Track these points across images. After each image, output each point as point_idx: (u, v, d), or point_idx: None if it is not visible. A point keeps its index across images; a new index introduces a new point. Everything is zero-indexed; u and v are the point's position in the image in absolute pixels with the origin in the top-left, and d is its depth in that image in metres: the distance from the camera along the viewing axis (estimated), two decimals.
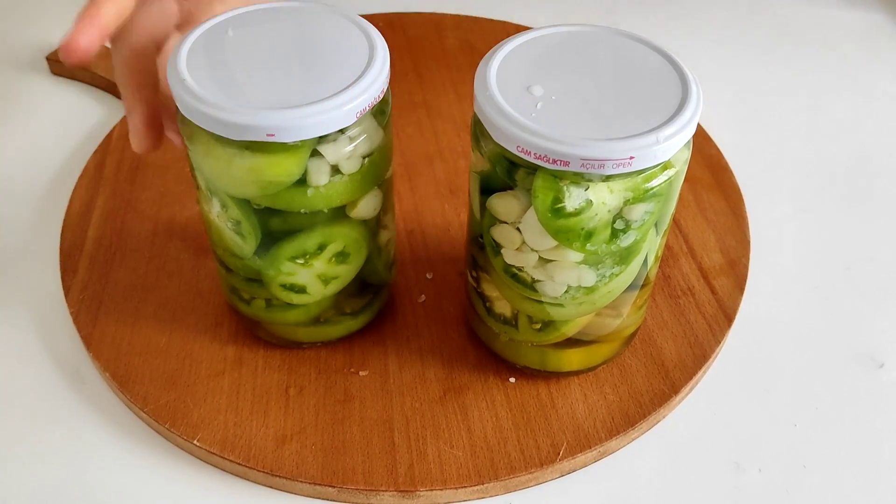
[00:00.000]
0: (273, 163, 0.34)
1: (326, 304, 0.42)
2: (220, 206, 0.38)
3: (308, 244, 0.38)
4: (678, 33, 0.71)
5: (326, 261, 0.39)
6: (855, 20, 0.73)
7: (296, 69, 0.35)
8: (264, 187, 0.35)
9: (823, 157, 0.59)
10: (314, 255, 0.39)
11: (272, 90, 0.34)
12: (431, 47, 0.66)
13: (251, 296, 0.42)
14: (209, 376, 0.43)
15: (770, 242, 0.52)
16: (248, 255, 0.39)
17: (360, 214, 0.38)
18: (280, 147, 0.34)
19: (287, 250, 0.38)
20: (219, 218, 0.38)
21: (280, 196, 0.36)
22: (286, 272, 0.39)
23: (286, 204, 0.36)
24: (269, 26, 0.37)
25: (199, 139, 0.35)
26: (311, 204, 0.36)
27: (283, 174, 0.35)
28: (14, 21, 0.71)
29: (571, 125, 0.32)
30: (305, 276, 0.39)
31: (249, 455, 0.40)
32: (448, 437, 0.41)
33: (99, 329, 0.45)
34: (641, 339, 0.45)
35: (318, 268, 0.39)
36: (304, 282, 0.40)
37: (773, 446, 0.42)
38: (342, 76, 0.34)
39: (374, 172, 0.37)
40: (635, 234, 0.35)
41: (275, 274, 0.39)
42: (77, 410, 0.43)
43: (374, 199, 0.39)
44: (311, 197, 0.36)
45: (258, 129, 0.33)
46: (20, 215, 0.54)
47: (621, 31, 0.37)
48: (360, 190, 0.37)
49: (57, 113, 0.62)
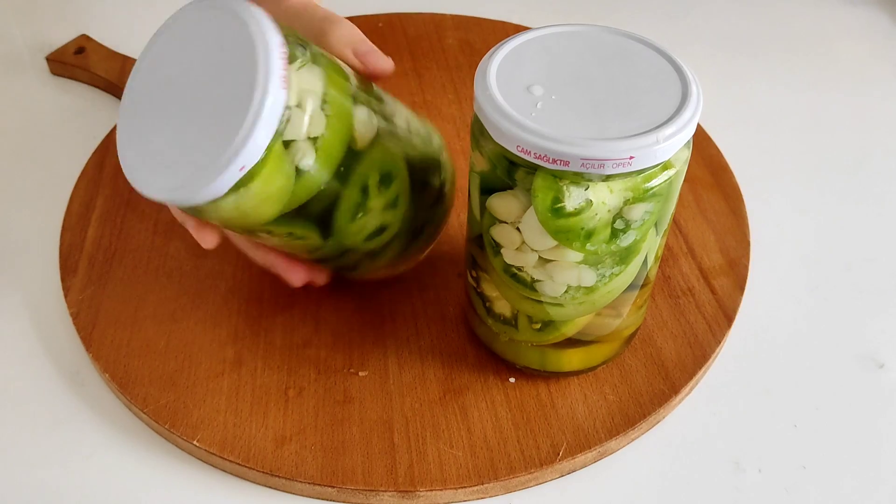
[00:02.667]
0: (265, 177, 0.34)
1: (415, 215, 0.41)
2: (264, 236, 0.38)
3: (353, 198, 0.37)
4: (678, 33, 0.71)
5: (377, 194, 0.38)
6: (855, 19, 0.73)
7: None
8: (280, 195, 0.35)
9: (823, 157, 0.59)
10: (365, 199, 0.38)
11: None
12: (431, 47, 0.66)
13: (346, 262, 0.42)
14: (209, 377, 0.43)
15: (770, 242, 0.52)
16: (320, 244, 0.39)
17: (364, 139, 0.37)
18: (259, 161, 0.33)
19: (344, 217, 0.38)
20: (272, 241, 0.39)
21: (297, 191, 0.35)
22: (359, 229, 0.39)
23: (305, 191, 0.36)
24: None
25: (203, 210, 0.35)
26: (321, 171, 0.36)
27: (278, 175, 0.34)
28: (14, 21, 0.71)
29: (571, 125, 0.32)
30: (375, 218, 0.39)
31: (249, 455, 0.40)
32: (448, 438, 0.41)
33: (98, 330, 0.45)
34: (641, 339, 0.45)
35: (377, 204, 0.38)
36: (378, 222, 0.39)
37: (773, 446, 0.42)
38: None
39: (340, 100, 0.36)
40: (635, 234, 0.35)
41: (352, 237, 0.39)
42: (77, 411, 0.43)
43: (365, 119, 0.37)
44: (317, 165, 0.35)
45: (224, 176, 0.32)
46: (20, 215, 0.54)
47: (621, 31, 0.37)
48: (345, 125, 0.36)
49: (57, 113, 0.62)
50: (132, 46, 0.65)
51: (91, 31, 0.67)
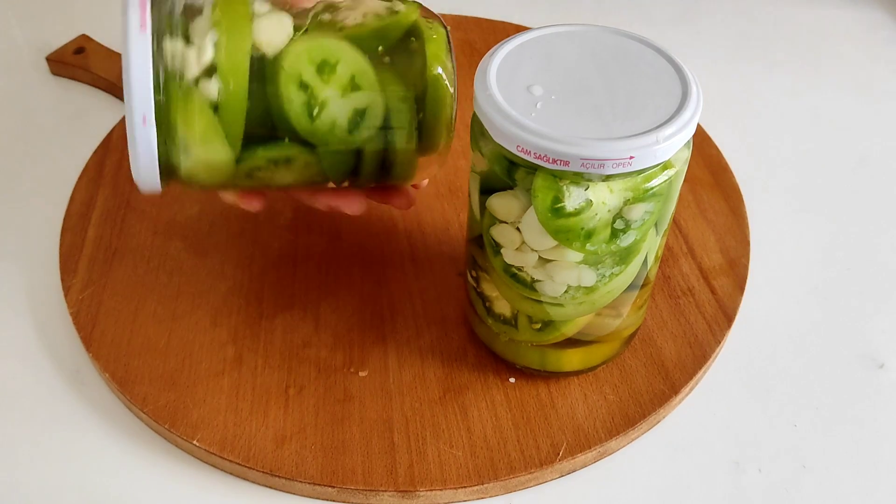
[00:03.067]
0: (192, 140, 0.35)
1: (394, 95, 0.38)
2: (274, 173, 0.38)
3: (298, 101, 0.36)
4: (678, 33, 0.71)
5: (322, 84, 0.37)
6: (855, 19, 0.73)
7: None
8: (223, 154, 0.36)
9: (823, 157, 0.59)
10: (313, 98, 0.37)
11: None
12: None
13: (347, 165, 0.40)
14: (209, 376, 0.43)
15: (770, 242, 0.52)
16: (315, 158, 0.38)
17: (274, 41, 0.36)
18: (178, 118, 0.35)
19: (303, 120, 0.37)
20: (286, 173, 0.39)
21: (232, 126, 0.36)
22: (336, 126, 0.37)
23: (237, 118, 0.36)
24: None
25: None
26: (236, 103, 0.36)
27: (204, 138, 0.35)
28: (14, 21, 0.71)
29: (571, 125, 0.32)
30: (343, 107, 0.37)
31: (249, 455, 0.40)
32: (448, 438, 0.41)
33: (98, 329, 0.45)
34: (641, 339, 0.45)
35: (330, 93, 0.37)
36: (349, 109, 0.37)
37: (773, 446, 0.42)
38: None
39: (229, 38, 0.35)
40: (635, 234, 0.35)
41: (343, 136, 0.38)
42: (76, 411, 0.43)
43: (268, 31, 0.36)
44: (231, 100, 0.35)
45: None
46: (20, 215, 0.54)
47: (621, 31, 0.37)
48: (236, 51, 0.35)
49: (57, 113, 0.62)
50: None
51: (91, 31, 0.67)
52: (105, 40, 0.66)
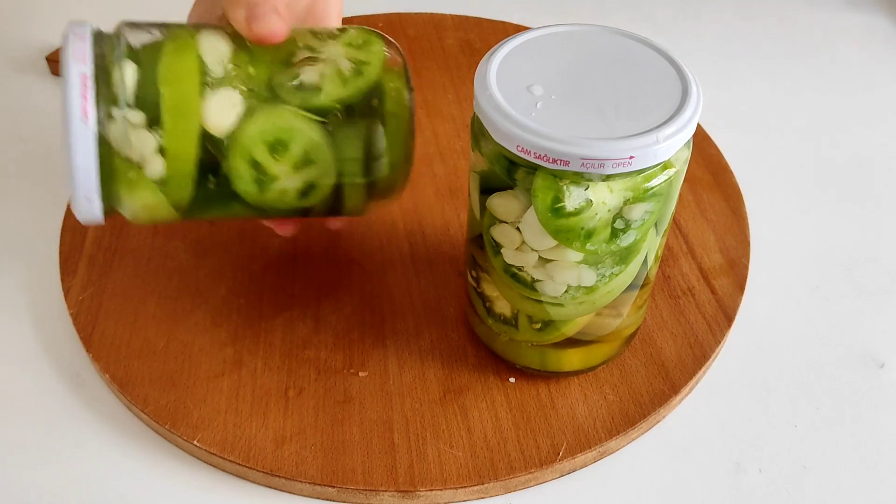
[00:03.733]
0: (139, 209, 0.37)
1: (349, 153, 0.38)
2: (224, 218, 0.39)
3: (248, 177, 0.37)
4: (678, 33, 0.71)
5: (274, 162, 0.37)
6: (854, 21, 0.73)
7: None
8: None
9: (823, 157, 0.59)
10: (265, 175, 0.37)
11: None
12: (431, 47, 0.66)
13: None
14: (209, 377, 0.43)
15: (770, 242, 0.52)
16: (263, 214, 0.39)
17: (223, 124, 0.36)
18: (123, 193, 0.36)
19: (253, 193, 0.37)
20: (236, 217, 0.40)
21: (178, 199, 0.37)
22: (284, 196, 0.38)
23: (184, 194, 0.36)
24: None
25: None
26: (183, 182, 0.36)
27: (150, 208, 0.37)
28: (14, 21, 0.71)
29: (571, 125, 0.32)
30: (295, 181, 0.37)
31: (249, 455, 0.40)
32: (448, 438, 0.41)
33: (98, 330, 0.45)
34: (641, 339, 0.45)
35: (282, 170, 0.37)
36: (300, 183, 0.37)
37: (773, 446, 0.42)
38: None
39: (176, 120, 0.35)
40: (635, 234, 0.35)
41: (292, 203, 0.38)
42: (77, 412, 0.43)
43: (217, 113, 0.36)
44: (177, 179, 0.36)
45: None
46: (20, 215, 0.54)
47: (621, 31, 0.37)
48: (183, 134, 0.35)
49: (57, 113, 0.62)
50: None
51: None
52: None
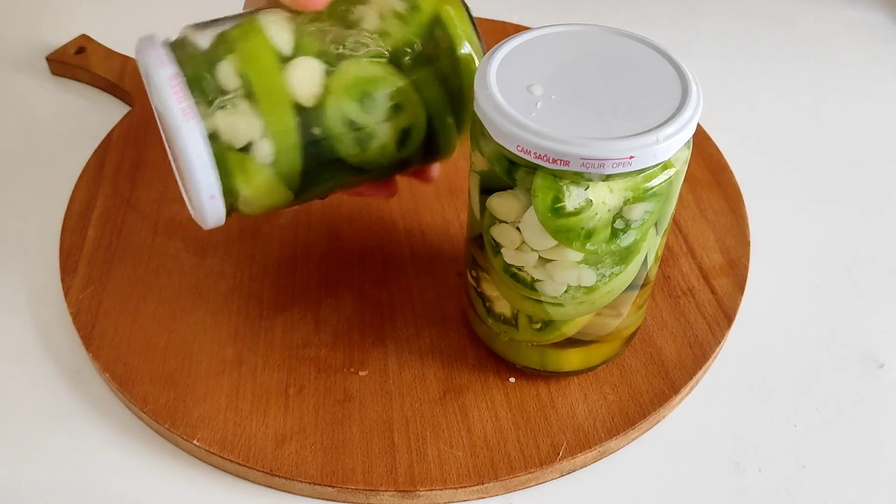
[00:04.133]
0: (256, 199, 0.37)
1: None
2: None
3: (348, 140, 0.37)
4: (678, 33, 0.71)
5: (364, 114, 0.37)
6: (854, 19, 0.73)
7: None
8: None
9: (823, 157, 0.59)
10: (361, 132, 0.37)
11: None
12: None
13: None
14: (209, 376, 0.43)
15: (770, 242, 0.52)
16: (374, 174, 0.40)
17: (310, 97, 0.36)
18: (239, 183, 0.36)
19: (356, 154, 0.38)
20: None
21: (289, 179, 0.37)
22: (386, 149, 0.38)
23: (293, 172, 0.37)
24: None
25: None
26: (290, 158, 0.37)
27: (266, 193, 0.37)
28: (14, 21, 0.71)
29: (571, 125, 0.32)
30: (388, 132, 0.38)
31: (249, 455, 0.40)
32: (448, 437, 0.41)
33: (99, 329, 0.45)
34: (641, 339, 0.45)
35: (372, 121, 0.37)
36: (393, 133, 0.38)
37: (773, 446, 0.42)
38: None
39: (268, 102, 0.36)
40: (635, 234, 0.35)
41: (393, 153, 0.39)
42: (76, 410, 0.43)
43: (302, 83, 0.36)
44: (284, 157, 0.36)
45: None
46: (20, 215, 0.54)
47: (621, 31, 0.37)
48: (278, 115, 0.36)
49: (57, 113, 0.62)
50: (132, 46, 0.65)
51: (91, 31, 0.67)
52: (105, 40, 0.66)
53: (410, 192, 0.53)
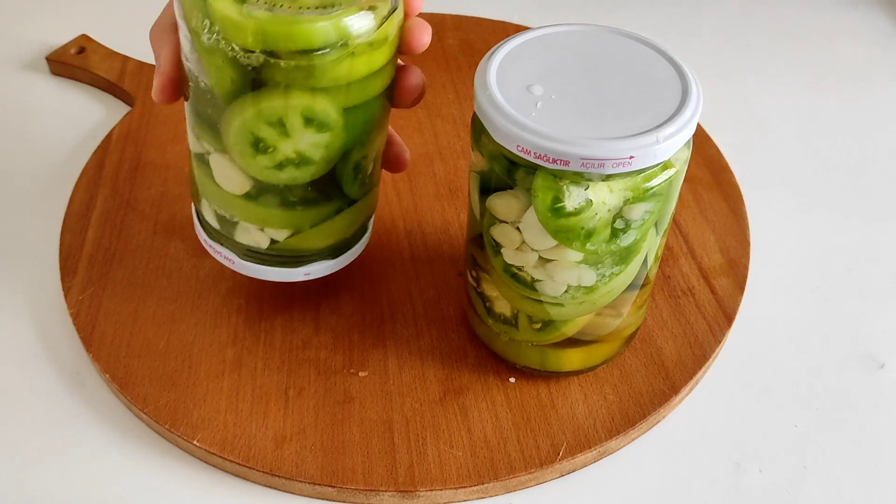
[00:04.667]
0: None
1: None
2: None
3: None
4: (678, 33, 0.71)
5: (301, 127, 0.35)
6: (855, 20, 0.73)
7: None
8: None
9: (823, 157, 0.59)
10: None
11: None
12: (431, 47, 0.66)
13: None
14: (209, 377, 0.43)
15: (770, 242, 0.52)
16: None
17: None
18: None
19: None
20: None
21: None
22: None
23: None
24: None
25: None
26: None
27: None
28: (14, 21, 0.71)
29: (571, 125, 0.32)
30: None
31: (249, 455, 0.40)
32: (448, 438, 0.41)
33: (98, 330, 0.45)
34: (641, 339, 0.45)
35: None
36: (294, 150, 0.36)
37: (773, 446, 0.42)
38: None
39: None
40: (635, 234, 0.35)
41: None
42: (76, 411, 0.43)
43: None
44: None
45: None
46: (20, 215, 0.54)
47: (621, 31, 0.37)
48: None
49: (57, 113, 0.62)
50: (132, 46, 0.65)
51: (91, 31, 0.67)
52: (105, 40, 0.66)
53: (410, 191, 0.53)
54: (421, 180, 0.54)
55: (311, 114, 0.35)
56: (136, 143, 0.57)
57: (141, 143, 0.57)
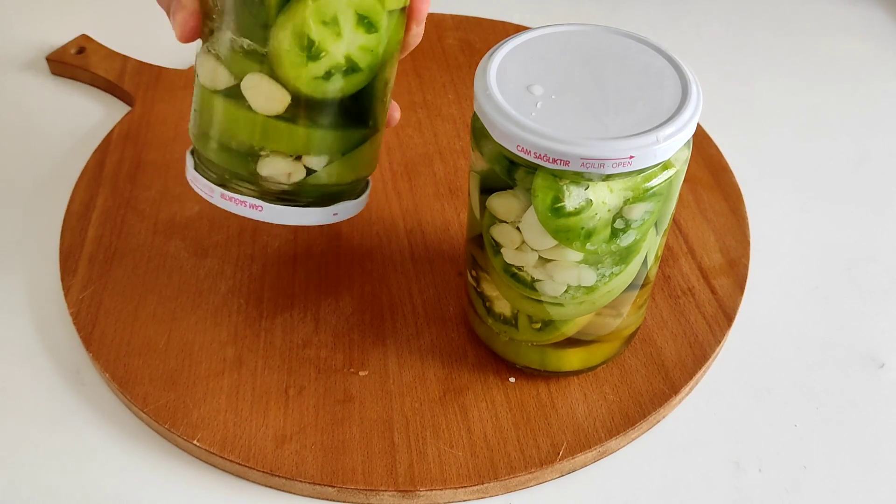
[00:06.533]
0: None
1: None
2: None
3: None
4: (678, 33, 0.71)
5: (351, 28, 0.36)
6: (854, 18, 0.73)
7: None
8: None
9: (823, 157, 0.59)
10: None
11: None
12: (431, 47, 0.66)
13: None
14: (209, 376, 0.43)
15: (770, 242, 0.52)
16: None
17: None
18: None
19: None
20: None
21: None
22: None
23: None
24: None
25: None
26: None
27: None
28: (14, 21, 0.71)
29: (571, 125, 0.32)
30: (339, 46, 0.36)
31: (249, 455, 0.40)
32: (448, 437, 0.41)
33: (99, 329, 0.45)
34: (641, 339, 0.45)
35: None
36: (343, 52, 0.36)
37: (773, 446, 0.42)
38: None
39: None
40: (635, 234, 0.35)
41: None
42: (77, 411, 0.43)
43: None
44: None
45: None
46: (20, 215, 0.54)
47: (621, 31, 0.37)
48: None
49: (57, 113, 0.62)
50: (132, 46, 0.65)
51: (91, 31, 0.67)
52: (105, 40, 0.66)
53: (410, 191, 0.53)
54: (421, 180, 0.54)
55: (363, 10, 0.36)
56: (136, 143, 0.57)
57: (141, 143, 0.57)
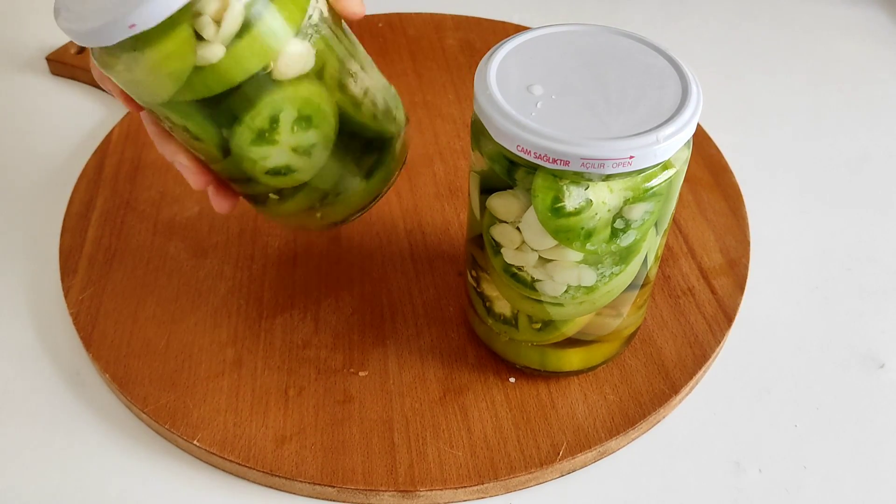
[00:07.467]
0: (160, 50, 0.33)
1: (331, 175, 0.39)
2: (167, 122, 0.37)
3: (258, 121, 0.36)
4: (678, 33, 0.71)
5: (289, 131, 0.36)
6: (854, 19, 0.73)
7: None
8: (172, 79, 0.34)
9: (823, 157, 0.59)
10: (272, 130, 0.36)
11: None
12: (431, 47, 0.66)
13: (251, 191, 0.40)
14: (209, 377, 0.43)
15: (770, 242, 0.52)
16: (219, 157, 0.37)
17: (288, 72, 0.35)
18: (157, 33, 0.33)
19: (244, 135, 0.36)
20: (175, 132, 0.37)
21: (194, 82, 0.34)
22: (259, 157, 0.37)
23: (204, 88, 0.34)
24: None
25: (107, 63, 0.35)
26: (224, 76, 0.34)
27: (174, 56, 0.33)
28: (14, 21, 0.71)
29: (571, 125, 0.32)
30: (281, 155, 0.37)
31: (249, 455, 0.40)
32: (448, 438, 0.41)
33: (98, 330, 0.45)
34: (641, 339, 0.45)
35: (287, 141, 0.37)
36: (284, 161, 0.37)
37: (773, 446, 0.42)
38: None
39: (273, 21, 0.34)
40: (635, 234, 0.35)
41: (250, 164, 0.37)
42: (77, 411, 0.43)
43: (298, 53, 0.35)
44: (220, 67, 0.34)
45: (116, 26, 0.32)
46: (20, 216, 0.54)
47: (621, 31, 0.37)
48: (267, 45, 0.34)
49: (57, 113, 0.62)
50: None
51: None
52: None
53: (410, 191, 0.53)
54: (421, 180, 0.54)
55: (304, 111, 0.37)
56: (136, 144, 0.57)
57: (141, 144, 0.57)
